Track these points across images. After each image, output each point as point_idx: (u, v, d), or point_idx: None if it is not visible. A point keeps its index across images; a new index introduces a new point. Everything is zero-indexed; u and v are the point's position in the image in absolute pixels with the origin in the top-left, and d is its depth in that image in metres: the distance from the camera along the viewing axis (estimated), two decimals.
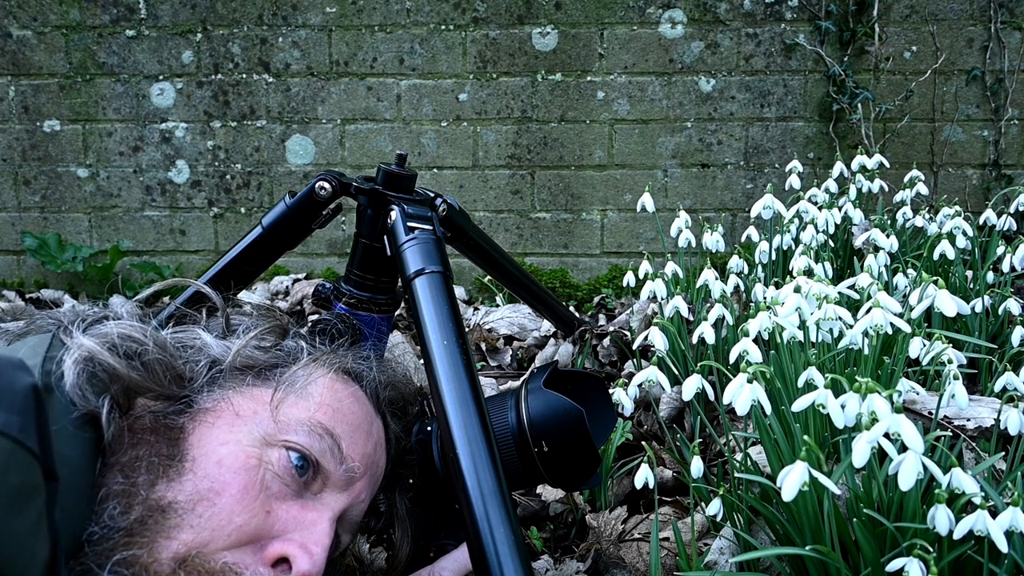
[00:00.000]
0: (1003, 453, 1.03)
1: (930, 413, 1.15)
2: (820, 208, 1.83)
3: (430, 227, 0.95)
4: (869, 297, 1.04)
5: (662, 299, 1.57)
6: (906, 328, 1.02)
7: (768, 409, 0.94)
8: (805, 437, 0.84)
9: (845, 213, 1.92)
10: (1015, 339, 1.32)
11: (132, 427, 0.65)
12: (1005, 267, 1.59)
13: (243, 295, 2.21)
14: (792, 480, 0.80)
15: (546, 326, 2.03)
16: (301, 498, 0.69)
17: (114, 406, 0.64)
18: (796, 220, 1.83)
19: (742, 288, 1.65)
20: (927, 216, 1.87)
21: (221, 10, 2.49)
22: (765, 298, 1.30)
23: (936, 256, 1.54)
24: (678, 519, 1.21)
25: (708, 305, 1.48)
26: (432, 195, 1.08)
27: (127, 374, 0.65)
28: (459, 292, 2.55)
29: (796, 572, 0.98)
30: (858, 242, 1.83)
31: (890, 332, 1.01)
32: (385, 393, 0.83)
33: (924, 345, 1.09)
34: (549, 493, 1.34)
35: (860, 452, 0.78)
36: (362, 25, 2.49)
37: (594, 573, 1.16)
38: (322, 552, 0.67)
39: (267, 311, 0.81)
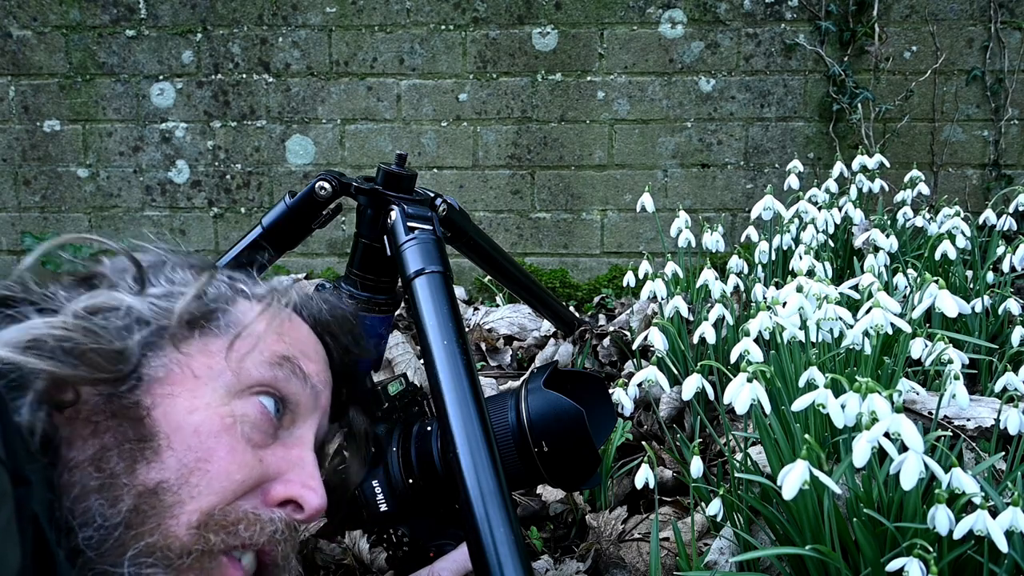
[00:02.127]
0: (1003, 453, 1.03)
1: (930, 413, 1.15)
2: (820, 208, 1.83)
3: (430, 227, 0.95)
4: (870, 297, 1.04)
5: (662, 299, 1.57)
6: (906, 328, 1.02)
7: (768, 409, 0.94)
8: (806, 436, 0.84)
9: (845, 213, 1.92)
10: (1015, 339, 1.32)
11: (86, 419, 0.61)
12: (1005, 267, 1.59)
13: None
14: (793, 479, 0.80)
15: (546, 326, 2.03)
16: (280, 439, 0.69)
17: (50, 409, 0.59)
18: (796, 220, 1.83)
19: (742, 288, 1.65)
20: (927, 216, 1.87)
21: (221, 10, 2.49)
22: (765, 298, 1.30)
23: (938, 256, 1.54)
24: (678, 519, 1.21)
25: (708, 305, 1.48)
26: (432, 195, 1.08)
27: (55, 371, 0.59)
28: (459, 292, 2.55)
29: (796, 572, 0.98)
30: (858, 242, 1.83)
31: (890, 332, 1.01)
32: (319, 316, 0.80)
33: (926, 345, 1.09)
34: (549, 493, 1.34)
35: (860, 452, 0.78)
36: (362, 25, 2.49)
37: (594, 573, 1.16)
38: (321, 486, 0.68)
39: (179, 253, 0.76)
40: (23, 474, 0.48)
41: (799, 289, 1.12)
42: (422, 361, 0.88)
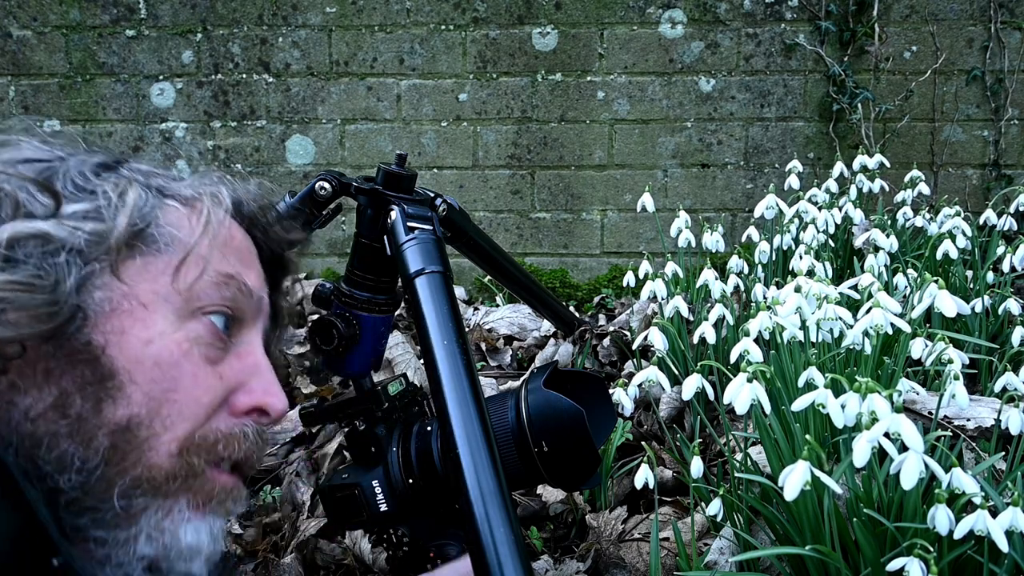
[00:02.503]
0: (1003, 453, 1.03)
1: (930, 413, 1.15)
2: (820, 208, 1.83)
3: (430, 227, 0.95)
4: (870, 297, 1.04)
5: (662, 299, 1.57)
6: (906, 328, 1.02)
7: (768, 409, 0.94)
8: (807, 436, 0.85)
9: (845, 213, 1.92)
10: (1015, 339, 1.32)
11: (36, 366, 0.59)
12: (1005, 267, 1.59)
13: None
14: (794, 480, 0.80)
15: (546, 326, 2.03)
16: (230, 350, 0.68)
17: None
18: (796, 220, 1.83)
19: (742, 288, 1.65)
20: (927, 216, 1.87)
21: (221, 10, 2.49)
22: (765, 298, 1.30)
23: (938, 256, 1.54)
24: (678, 519, 1.21)
25: (708, 305, 1.48)
26: (432, 195, 1.08)
27: None
28: (459, 292, 2.55)
29: (796, 572, 0.98)
30: (858, 242, 1.83)
31: (890, 332, 1.01)
32: (245, 207, 0.76)
33: (926, 345, 1.09)
34: (549, 493, 1.34)
35: (860, 452, 0.78)
36: (362, 25, 2.49)
37: (594, 573, 1.16)
38: (279, 387, 0.70)
39: (70, 148, 0.69)
40: None
41: (797, 289, 1.12)
42: (422, 361, 0.88)
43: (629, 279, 1.76)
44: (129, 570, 0.60)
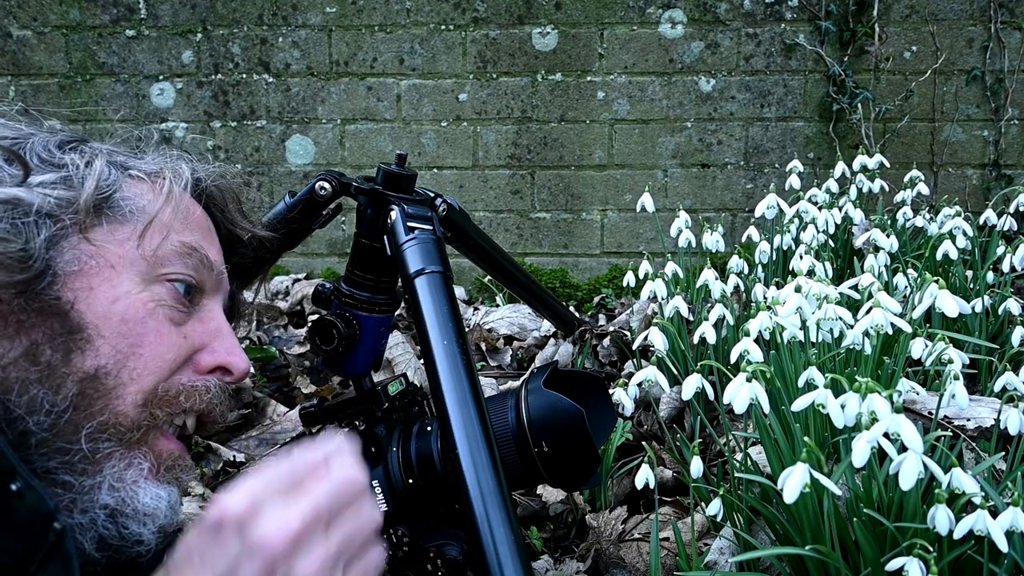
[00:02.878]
0: (1003, 453, 1.03)
1: (930, 413, 1.15)
2: (820, 208, 1.83)
3: (430, 227, 0.95)
4: (870, 297, 1.04)
5: (662, 299, 1.57)
6: (906, 328, 1.02)
7: (768, 409, 0.94)
8: (806, 438, 0.85)
9: (845, 213, 1.92)
10: (1015, 339, 1.32)
11: (7, 319, 0.62)
12: (1005, 267, 1.59)
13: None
14: (794, 482, 0.80)
15: (546, 326, 2.03)
16: (195, 314, 0.73)
17: None
18: (796, 220, 1.83)
19: (742, 288, 1.65)
20: (927, 216, 1.87)
21: (221, 10, 2.49)
22: (765, 298, 1.30)
23: (939, 256, 1.54)
24: (678, 519, 1.21)
25: (708, 305, 1.48)
26: (432, 195, 1.08)
27: None
28: (459, 292, 2.55)
29: (796, 572, 0.98)
30: (858, 242, 1.83)
31: (890, 332, 1.01)
32: (209, 190, 0.80)
33: (926, 345, 1.09)
34: (549, 493, 1.34)
35: (860, 452, 0.78)
36: (362, 25, 2.49)
37: (594, 573, 1.16)
38: (241, 349, 0.75)
39: (34, 126, 0.74)
40: None
41: (798, 289, 1.12)
42: (422, 361, 0.88)
43: (629, 279, 1.76)
44: (93, 516, 0.63)
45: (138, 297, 0.67)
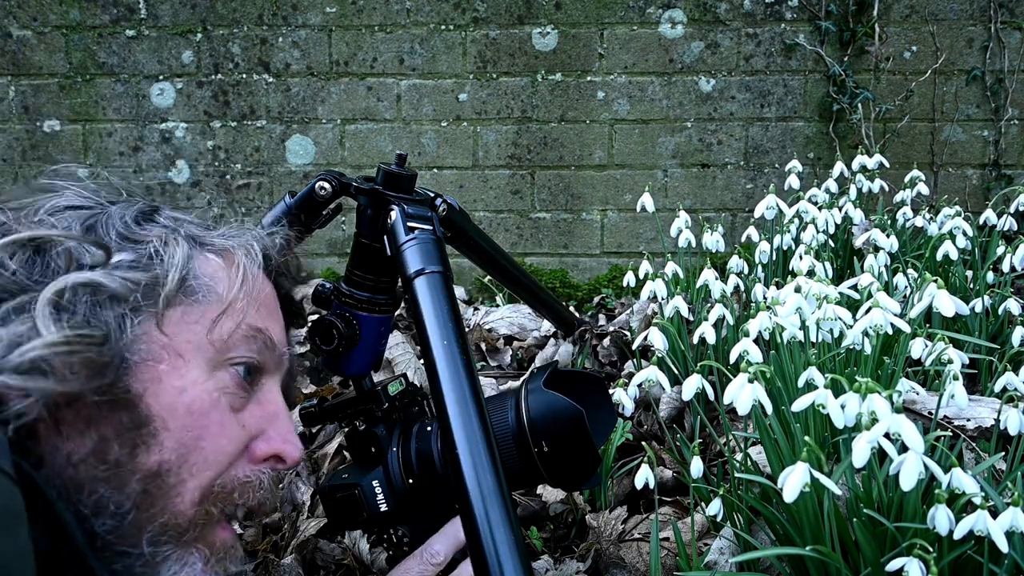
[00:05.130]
0: (1003, 453, 1.03)
1: (930, 413, 1.15)
2: (820, 208, 1.83)
3: (430, 227, 0.95)
4: (869, 297, 1.04)
5: (662, 299, 1.57)
6: (905, 328, 1.02)
7: (768, 409, 0.94)
8: (806, 438, 0.85)
9: (845, 213, 1.92)
10: (1015, 339, 1.32)
11: (77, 413, 0.60)
12: (1005, 267, 1.59)
13: None
14: (794, 481, 0.80)
15: (546, 326, 2.03)
16: (254, 396, 0.71)
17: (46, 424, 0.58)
18: (796, 220, 1.83)
19: (742, 288, 1.65)
20: (927, 216, 1.87)
21: (221, 10, 2.49)
22: (765, 298, 1.30)
23: (939, 256, 1.54)
24: (678, 519, 1.21)
25: (708, 305, 1.48)
26: (432, 195, 1.08)
27: (57, 389, 0.57)
28: (459, 292, 2.55)
29: (796, 572, 0.98)
30: (858, 242, 1.83)
31: (890, 332, 1.01)
32: (273, 259, 0.79)
33: (926, 345, 1.09)
34: (549, 493, 1.34)
35: (860, 452, 0.78)
36: (362, 25, 2.49)
37: (594, 573, 1.16)
38: (295, 435, 0.73)
39: (112, 195, 0.72)
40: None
41: (797, 289, 1.12)
42: (422, 361, 0.88)
43: (629, 279, 1.76)
44: None
45: (203, 387, 0.66)
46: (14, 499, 0.48)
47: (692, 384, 1.06)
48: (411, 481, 0.87)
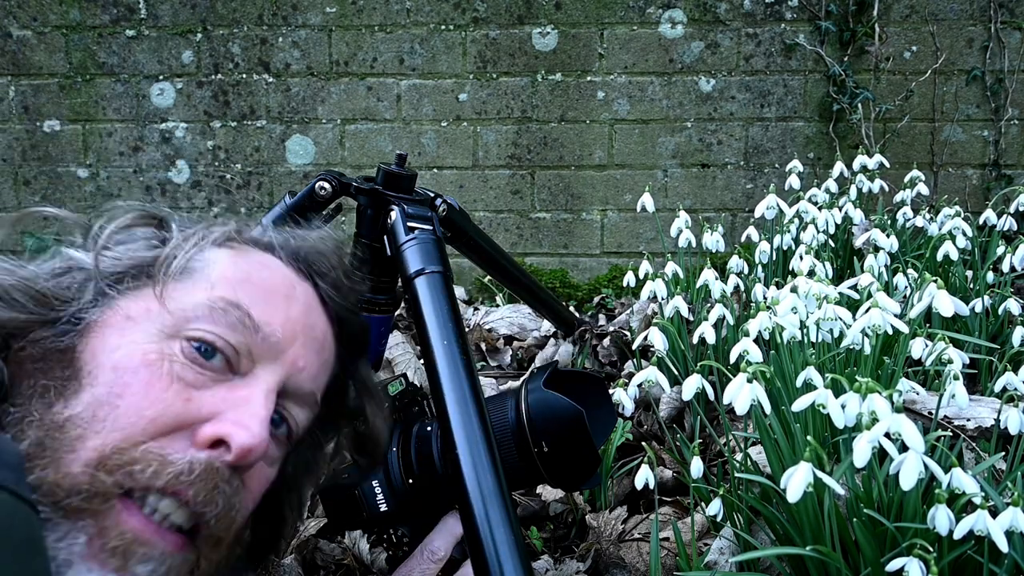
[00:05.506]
0: (1003, 453, 1.03)
1: (930, 413, 1.15)
2: (820, 208, 1.83)
3: (430, 227, 0.95)
4: (869, 296, 1.04)
5: (662, 299, 1.57)
6: (903, 329, 1.02)
7: (768, 409, 0.94)
8: (808, 438, 0.85)
9: (845, 213, 1.92)
10: (1015, 339, 1.32)
11: (21, 361, 0.61)
12: (1005, 267, 1.59)
13: None
14: (797, 481, 0.80)
15: (546, 326, 2.03)
16: (229, 382, 0.64)
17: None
18: (796, 220, 1.82)
19: (742, 288, 1.65)
20: (927, 216, 1.87)
21: (221, 10, 2.49)
22: (765, 298, 1.30)
23: (939, 257, 1.54)
24: (678, 519, 1.21)
25: (708, 305, 1.48)
26: (432, 195, 1.08)
27: None
28: (459, 292, 2.55)
29: (796, 572, 0.98)
30: (858, 242, 1.83)
31: (890, 332, 1.01)
32: (304, 253, 0.75)
33: (926, 345, 1.09)
34: (549, 493, 1.34)
35: (861, 452, 0.78)
36: (362, 25, 2.49)
37: (594, 573, 1.16)
38: (259, 424, 0.62)
39: (136, 207, 0.73)
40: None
41: (794, 289, 1.12)
42: (422, 361, 0.88)
43: (629, 279, 1.76)
44: None
45: (141, 347, 0.62)
46: (30, 526, 0.46)
47: (692, 384, 1.07)
48: (411, 481, 0.87)
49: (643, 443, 1.35)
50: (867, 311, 1.00)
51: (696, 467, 1.06)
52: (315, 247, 0.76)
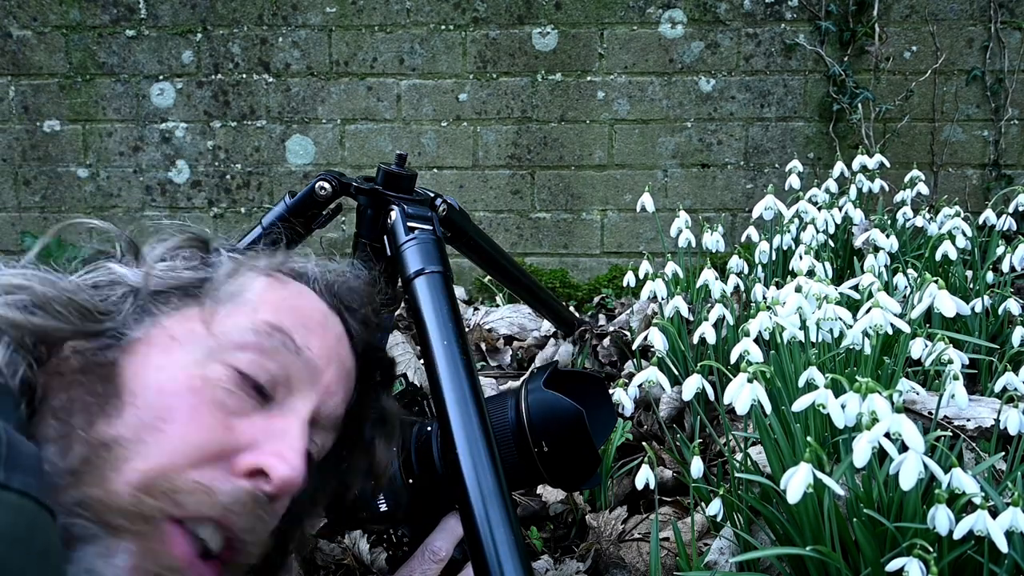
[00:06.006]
0: (1003, 453, 1.03)
1: (930, 413, 1.15)
2: (820, 208, 1.83)
3: (430, 227, 0.95)
4: (870, 296, 1.04)
5: (662, 299, 1.57)
6: (905, 328, 1.02)
7: (768, 409, 0.94)
8: (808, 439, 0.85)
9: (845, 213, 1.92)
10: (1015, 339, 1.32)
11: (60, 371, 0.61)
12: (1005, 267, 1.59)
13: None
14: (797, 482, 0.80)
15: (546, 326, 2.03)
16: (266, 409, 0.65)
17: (29, 359, 0.59)
18: (796, 220, 1.82)
19: (742, 288, 1.65)
20: (927, 216, 1.87)
21: (221, 10, 2.49)
22: (765, 298, 1.30)
23: (938, 256, 1.54)
24: (678, 519, 1.21)
25: (708, 305, 1.48)
26: (432, 195, 1.08)
27: (26, 321, 0.60)
28: (459, 292, 2.55)
29: (796, 572, 0.98)
30: (858, 242, 1.83)
31: (890, 332, 1.01)
32: (337, 288, 0.76)
33: (926, 345, 1.09)
34: (549, 493, 1.34)
35: (861, 452, 0.78)
36: (362, 25, 2.49)
37: (594, 573, 1.16)
38: (298, 457, 0.64)
39: (184, 229, 0.74)
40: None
41: (798, 289, 1.12)
42: (422, 361, 0.88)
43: (629, 279, 1.76)
44: None
45: (186, 371, 0.62)
46: (49, 533, 0.46)
47: (692, 384, 1.06)
48: (411, 481, 0.87)
49: (643, 443, 1.35)
50: (868, 311, 1.00)
51: (696, 467, 1.06)
52: (348, 283, 0.78)
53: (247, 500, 0.61)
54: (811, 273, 1.41)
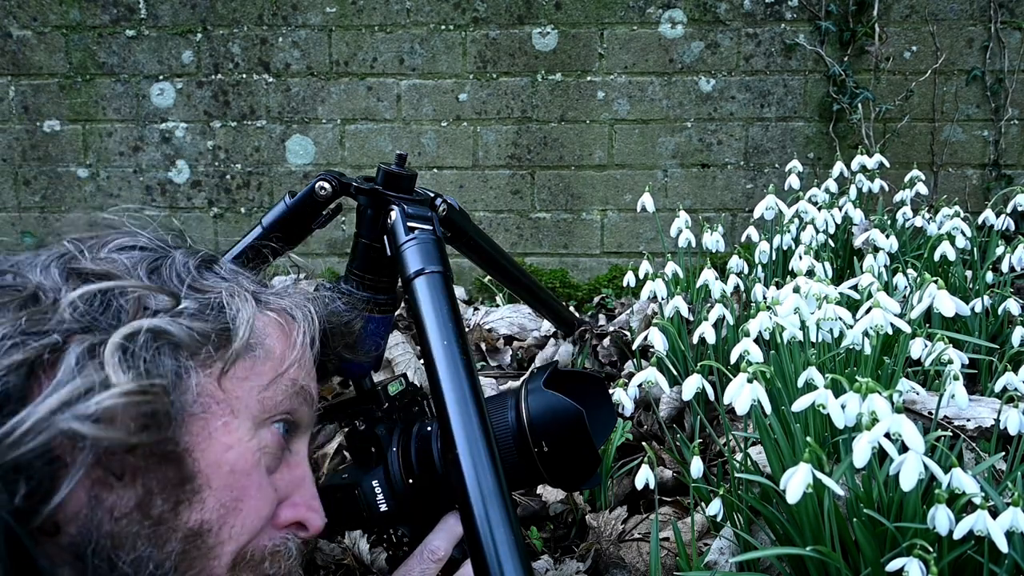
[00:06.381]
0: (1003, 453, 1.03)
1: (930, 413, 1.15)
2: (820, 208, 1.83)
3: (430, 227, 0.95)
4: (869, 297, 1.04)
5: (662, 299, 1.57)
6: (906, 328, 1.02)
7: (768, 409, 0.94)
8: (808, 439, 0.85)
9: (845, 213, 1.92)
10: (1015, 339, 1.32)
11: (125, 464, 0.57)
12: (1004, 267, 1.59)
13: None
14: (796, 482, 0.80)
15: (546, 326, 2.03)
16: (285, 458, 0.70)
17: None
18: (796, 220, 1.82)
19: (742, 288, 1.65)
20: (927, 216, 1.87)
21: (221, 10, 2.49)
22: (765, 298, 1.30)
23: (937, 256, 1.54)
24: (678, 519, 1.21)
25: (708, 305, 1.48)
26: (432, 195, 1.08)
27: (118, 439, 0.56)
28: (459, 292, 2.55)
29: (796, 572, 0.98)
30: (858, 242, 1.83)
31: (890, 332, 1.01)
32: (323, 326, 0.78)
33: (926, 345, 1.09)
34: (549, 493, 1.34)
35: (861, 452, 0.78)
36: (362, 25, 2.49)
37: (594, 573, 1.16)
38: (319, 502, 0.71)
39: (175, 244, 0.71)
40: None
41: (796, 289, 1.12)
42: (422, 361, 0.88)
43: (629, 279, 1.76)
44: None
45: (247, 446, 0.64)
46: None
47: (692, 384, 1.06)
48: (411, 481, 0.87)
49: (643, 443, 1.35)
50: (868, 311, 1.00)
51: (696, 467, 1.07)
52: (329, 321, 0.79)
53: (296, 551, 0.68)
54: (811, 273, 1.41)
